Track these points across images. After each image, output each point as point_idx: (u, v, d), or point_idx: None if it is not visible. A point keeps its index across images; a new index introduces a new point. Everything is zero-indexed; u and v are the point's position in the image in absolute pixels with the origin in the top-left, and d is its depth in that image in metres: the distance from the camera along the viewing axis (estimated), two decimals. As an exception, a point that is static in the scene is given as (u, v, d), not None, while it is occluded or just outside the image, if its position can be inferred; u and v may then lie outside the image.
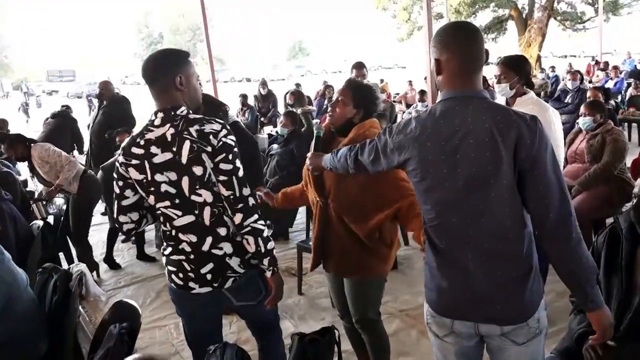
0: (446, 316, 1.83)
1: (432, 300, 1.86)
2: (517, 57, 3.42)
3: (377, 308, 2.72)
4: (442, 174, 1.71)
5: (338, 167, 2.21)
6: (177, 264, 2.22)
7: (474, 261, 1.73)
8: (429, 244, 1.86)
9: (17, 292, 2.58)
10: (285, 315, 3.96)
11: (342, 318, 2.88)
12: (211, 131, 2.05)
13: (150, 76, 2.10)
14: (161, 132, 2.07)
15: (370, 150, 1.97)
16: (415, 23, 25.48)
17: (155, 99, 2.12)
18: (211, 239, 2.15)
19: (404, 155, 1.80)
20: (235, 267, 2.20)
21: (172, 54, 2.17)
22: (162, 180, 2.09)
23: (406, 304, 3.92)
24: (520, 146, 1.61)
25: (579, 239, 1.66)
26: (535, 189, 1.64)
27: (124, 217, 2.23)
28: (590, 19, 25.27)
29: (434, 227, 1.81)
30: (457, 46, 1.73)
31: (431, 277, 1.85)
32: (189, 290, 2.24)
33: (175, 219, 2.15)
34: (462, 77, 1.73)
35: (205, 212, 2.12)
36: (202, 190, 2.08)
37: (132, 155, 2.11)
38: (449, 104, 1.73)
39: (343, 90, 2.54)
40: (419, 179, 1.78)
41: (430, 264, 1.86)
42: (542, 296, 1.80)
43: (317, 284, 4.43)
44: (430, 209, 1.79)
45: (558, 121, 3.23)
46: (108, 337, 2.19)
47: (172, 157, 2.06)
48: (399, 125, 1.84)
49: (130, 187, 2.18)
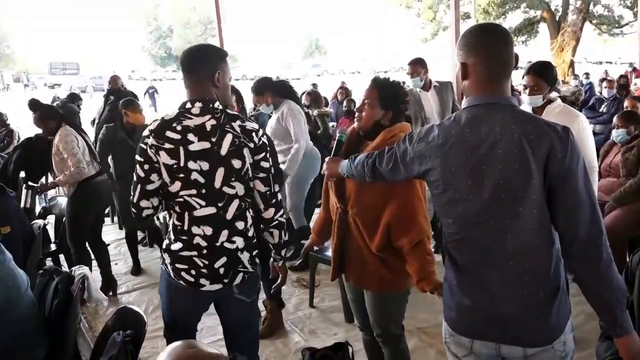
0: (466, 336, 1.82)
1: (451, 318, 1.85)
2: (546, 65, 3.41)
3: (400, 322, 2.72)
4: (466, 186, 1.70)
5: (355, 175, 2.22)
6: (189, 261, 2.32)
7: (497, 279, 1.72)
8: (449, 260, 1.85)
9: (17, 294, 2.62)
10: (295, 329, 3.98)
11: (362, 330, 2.89)
12: (253, 129, 2.29)
13: (191, 65, 2.28)
14: (200, 121, 2.23)
15: (389, 159, 1.97)
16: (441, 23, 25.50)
17: (188, 88, 2.29)
18: (227, 232, 2.29)
19: (425, 165, 1.79)
20: (245, 262, 2.36)
21: (216, 50, 2.39)
22: (194, 168, 2.22)
23: (424, 322, 3.91)
24: (551, 160, 1.60)
25: (610, 260, 1.64)
26: (564, 206, 1.63)
27: (147, 202, 2.30)
28: (628, 23, 25.10)
29: (455, 242, 1.80)
30: (485, 50, 1.71)
31: (450, 295, 1.85)
32: (199, 287, 2.33)
33: (197, 209, 2.27)
34: (490, 82, 1.71)
35: (232, 205, 2.29)
36: (236, 183, 2.27)
37: (166, 139, 2.21)
38: (476, 111, 1.71)
39: (369, 91, 2.53)
40: (441, 190, 1.77)
41: (450, 281, 1.85)
42: (569, 317, 1.79)
43: (330, 296, 4.44)
44: (452, 223, 1.78)
45: (589, 128, 3.25)
46: (111, 344, 2.22)
47: (209, 147, 2.22)
48: (420, 133, 1.84)
49: (156, 172, 2.26)
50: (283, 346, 3.76)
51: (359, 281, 2.64)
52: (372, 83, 2.56)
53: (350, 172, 2.26)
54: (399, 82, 2.60)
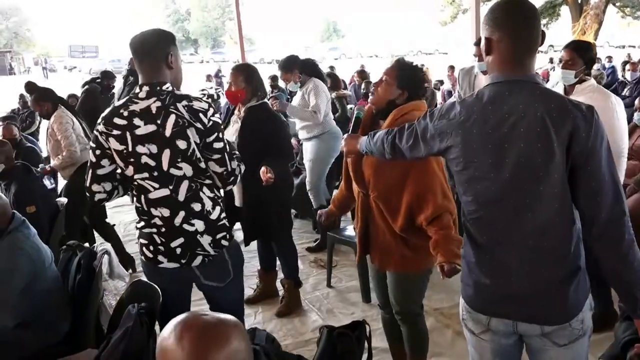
0: (483, 313, 1.83)
1: (469, 296, 1.86)
2: (586, 44, 3.34)
3: (420, 301, 2.75)
4: (487, 164, 1.69)
5: (374, 151, 2.21)
6: (148, 237, 2.37)
7: (516, 258, 1.72)
8: (467, 237, 1.85)
9: (42, 269, 2.68)
10: (312, 308, 4.01)
11: (382, 308, 2.91)
12: (200, 109, 2.24)
13: (143, 49, 2.28)
14: (146, 104, 2.23)
15: (409, 135, 1.95)
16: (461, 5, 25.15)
17: (141, 74, 2.29)
18: (184, 213, 2.31)
19: (445, 142, 1.77)
20: (205, 245, 2.36)
21: (163, 34, 2.36)
22: (143, 152, 2.24)
23: (441, 302, 3.92)
24: (575, 139, 1.58)
25: (632, 241, 1.61)
26: (587, 185, 1.61)
27: (98, 186, 2.36)
28: (653, 6, 24.57)
29: (474, 220, 1.80)
30: (512, 25, 1.66)
31: (468, 272, 1.86)
32: (157, 264, 2.38)
33: (151, 192, 2.30)
34: (515, 59, 1.67)
35: (182, 186, 2.28)
36: (183, 164, 2.25)
37: (113, 126, 2.25)
38: (499, 88, 1.69)
39: (389, 69, 2.53)
40: (461, 168, 1.76)
41: (468, 259, 1.86)
42: (588, 296, 1.78)
43: (347, 277, 4.46)
44: (471, 201, 1.77)
45: (621, 109, 3.12)
46: (126, 316, 2.26)
47: (155, 129, 2.21)
48: (441, 110, 1.82)
49: (107, 157, 2.32)
50: (301, 325, 3.79)
51: (383, 262, 2.65)
52: (395, 63, 2.58)
53: (369, 148, 2.23)
54: (418, 65, 2.62)
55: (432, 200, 2.38)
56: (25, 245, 2.65)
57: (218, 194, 2.42)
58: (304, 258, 4.85)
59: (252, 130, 3.49)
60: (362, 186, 2.57)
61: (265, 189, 3.40)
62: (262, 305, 4.08)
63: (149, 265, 2.44)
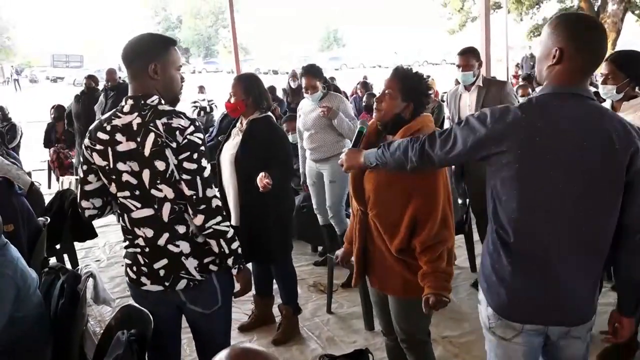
0: (518, 321, 1.94)
1: (501, 304, 1.95)
2: (629, 54, 3.26)
3: (427, 328, 2.75)
4: (545, 174, 1.79)
5: (390, 162, 2.23)
6: (132, 257, 2.39)
7: (567, 268, 1.85)
8: (499, 245, 1.93)
9: (26, 295, 2.67)
10: (312, 335, 4.01)
11: (386, 335, 2.91)
12: (178, 126, 2.20)
13: (126, 59, 2.27)
14: (128, 119, 2.24)
15: (445, 141, 1.99)
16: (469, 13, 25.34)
17: (129, 84, 2.30)
18: (168, 235, 2.30)
19: (500, 147, 1.83)
20: (190, 269, 2.34)
21: (151, 40, 2.30)
22: (124, 169, 2.25)
23: (450, 330, 3.91)
24: (634, 159, 1.76)
25: None
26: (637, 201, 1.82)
27: (87, 202, 2.40)
28: (674, 14, 24.77)
29: (517, 228, 1.87)
30: (591, 41, 1.81)
31: (499, 281, 1.94)
32: (140, 286, 2.39)
33: (134, 211, 2.31)
34: (582, 74, 1.83)
35: (164, 208, 2.27)
36: (162, 186, 2.24)
37: (97, 140, 2.28)
38: (564, 99, 1.82)
39: (390, 81, 2.56)
40: (513, 172, 1.83)
41: (497, 266, 1.94)
42: None
43: (348, 302, 4.47)
44: (517, 208, 1.85)
45: None
46: (115, 343, 2.27)
47: (135, 147, 2.22)
48: (492, 114, 1.87)
49: (93, 173, 2.36)
50: (299, 353, 3.79)
51: (383, 285, 2.67)
52: (394, 73, 2.59)
53: (382, 160, 2.27)
54: (422, 73, 2.63)
55: (429, 227, 2.41)
56: (8, 270, 2.63)
57: None
58: (303, 282, 4.85)
59: (253, 144, 3.50)
60: (361, 203, 2.59)
61: (265, 206, 3.41)
62: (258, 333, 4.08)
63: (132, 287, 2.46)
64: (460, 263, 4.99)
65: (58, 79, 44.56)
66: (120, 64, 2.32)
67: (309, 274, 5.13)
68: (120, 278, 5.21)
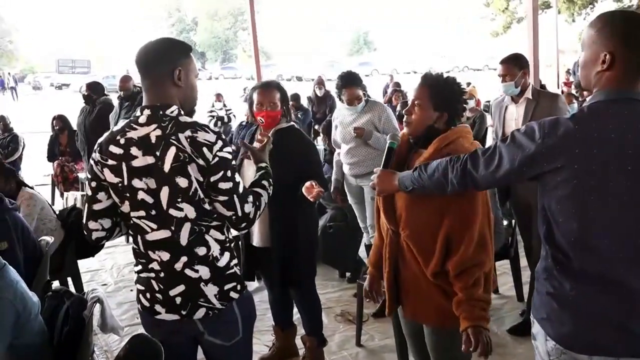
0: (586, 352, 1.90)
1: (565, 334, 1.92)
2: None
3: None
4: (606, 188, 1.79)
5: (428, 185, 2.23)
6: (146, 283, 2.37)
7: (634, 289, 1.82)
8: (558, 269, 1.92)
9: (27, 320, 2.71)
10: (339, 371, 3.99)
11: None
12: (205, 142, 2.19)
13: (146, 65, 2.27)
14: (145, 131, 2.22)
15: (489, 160, 1.99)
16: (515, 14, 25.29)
17: (145, 92, 2.30)
18: (186, 258, 2.28)
19: (554, 163, 1.83)
20: (210, 296, 2.32)
21: (173, 44, 2.35)
22: (140, 186, 2.24)
23: (493, 367, 3.87)
24: None
25: None
26: None
27: (94, 223, 2.37)
28: None
29: (578, 250, 1.87)
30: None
31: (561, 307, 1.92)
32: (154, 315, 2.37)
33: (149, 232, 2.29)
34: (637, 78, 1.84)
35: (183, 229, 2.25)
36: (184, 205, 2.22)
37: (109, 155, 2.26)
38: (620, 106, 1.81)
39: (419, 91, 2.54)
40: (570, 190, 1.83)
41: (559, 292, 1.92)
42: None
43: (380, 334, 4.45)
44: (577, 226, 1.85)
45: None
46: (124, 377, 2.28)
47: (154, 162, 2.20)
48: (541, 128, 1.87)
49: (104, 190, 2.34)
50: (324, 391, 3.78)
51: (416, 314, 2.65)
52: (422, 80, 2.57)
53: (419, 183, 2.26)
54: (454, 77, 2.60)
55: (464, 248, 2.39)
56: (7, 294, 2.66)
57: (228, 236, 2.40)
58: (329, 311, 4.85)
59: (283, 157, 3.45)
60: (392, 223, 2.58)
61: (294, 223, 3.42)
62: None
63: (145, 315, 2.45)
64: (506, 291, 4.95)
65: (63, 85, 45.30)
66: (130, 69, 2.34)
67: (336, 302, 5.12)
68: (129, 304, 5.26)
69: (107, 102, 7.56)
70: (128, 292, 5.53)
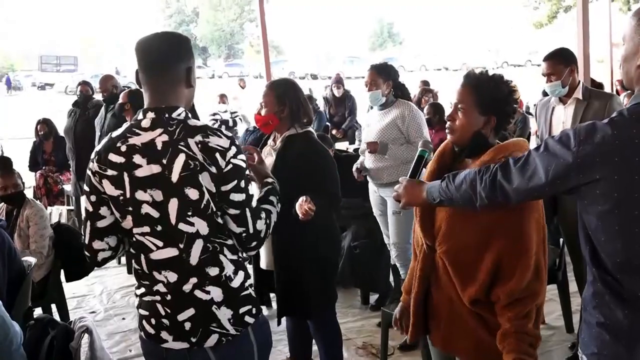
0: None
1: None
2: None
3: None
4: None
5: (455, 198, 2.22)
6: (150, 307, 2.35)
7: None
8: (608, 294, 1.90)
9: (7, 352, 2.72)
10: (361, 412, 3.98)
11: None
12: (217, 147, 2.18)
13: (154, 62, 2.28)
14: (149, 137, 2.21)
15: (523, 170, 1.98)
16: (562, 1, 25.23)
17: (150, 93, 2.29)
18: (196, 279, 2.26)
19: (592, 174, 1.82)
20: (223, 321, 2.29)
21: (184, 38, 2.37)
22: (144, 199, 2.22)
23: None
24: None
25: None
26: None
27: (100, 242, 2.36)
28: None
29: (620, 267, 1.85)
30: None
31: (614, 338, 1.90)
32: (160, 342, 2.35)
33: (154, 251, 2.27)
34: None
35: (194, 247, 2.24)
36: (195, 219, 2.21)
37: (108, 164, 2.25)
38: None
39: (462, 93, 2.51)
40: (611, 204, 1.81)
41: (611, 321, 1.90)
42: None
43: (407, 369, 4.43)
44: (621, 247, 1.83)
45: None
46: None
47: (160, 171, 2.19)
48: (577, 134, 1.86)
49: (105, 204, 2.32)
50: None
51: (449, 345, 2.63)
52: (465, 80, 2.54)
53: (447, 195, 2.25)
54: (500, 75, 2.57)
55: (519, 275, 2.37)
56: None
57: (242, 255, 2.39)
58: (349, 342, 4.83)
59: (289, 167, 3.48)
60: (429, 235, 2.55)
61: (303, 244, 3.42)
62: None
63: (149, 344, 2.42)
64: (553, 321, 4.91)
65: (47, 85, 45.48)
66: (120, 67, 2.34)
67: (357, 332, 5.10)
68: (121, 334, 5.28)
69: (100, 106, 7.51)
70: (120, 321, 5.55)
